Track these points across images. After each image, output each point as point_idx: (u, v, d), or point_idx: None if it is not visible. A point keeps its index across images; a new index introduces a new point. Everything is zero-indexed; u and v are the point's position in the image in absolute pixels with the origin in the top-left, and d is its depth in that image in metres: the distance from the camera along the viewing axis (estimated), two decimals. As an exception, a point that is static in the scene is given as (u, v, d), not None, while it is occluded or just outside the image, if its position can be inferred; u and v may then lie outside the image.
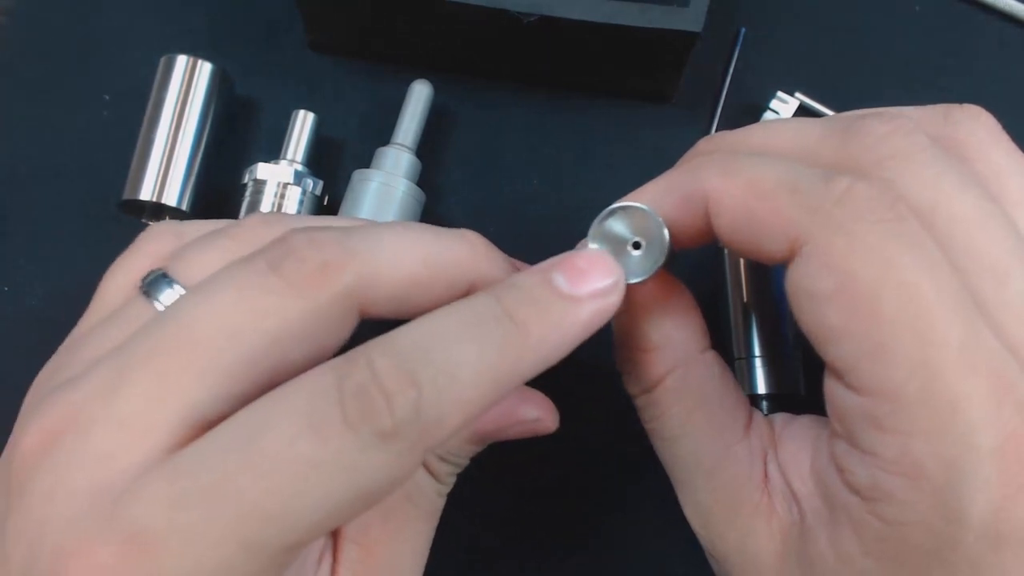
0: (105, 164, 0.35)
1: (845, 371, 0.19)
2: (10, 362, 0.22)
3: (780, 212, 0.20)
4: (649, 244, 0.22)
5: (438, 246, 0.21)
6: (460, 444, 0.23)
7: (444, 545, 0.24)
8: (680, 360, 0.24)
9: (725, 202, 0.21)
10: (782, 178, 0.20)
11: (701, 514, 0.24)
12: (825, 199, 0.20)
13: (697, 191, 0.22)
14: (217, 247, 0.22)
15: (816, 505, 0.21)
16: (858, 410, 0.19)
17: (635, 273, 0.22)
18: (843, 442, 0.20)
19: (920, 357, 0.18)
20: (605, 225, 0.23)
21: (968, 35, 0.36)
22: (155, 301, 0.21)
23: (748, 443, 0.23)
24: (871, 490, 0.19)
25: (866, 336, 0.19)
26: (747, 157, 0.22)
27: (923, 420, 0.18)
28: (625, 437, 0.32)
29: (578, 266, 0.21)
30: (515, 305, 0.20)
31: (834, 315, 0.19)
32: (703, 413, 0.24)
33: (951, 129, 0.22)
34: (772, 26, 0.37)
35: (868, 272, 0.19)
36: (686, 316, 0.24)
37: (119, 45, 0.37)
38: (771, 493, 0.23)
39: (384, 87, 0.36)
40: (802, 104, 0.35)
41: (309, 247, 0.19)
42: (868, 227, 0.19)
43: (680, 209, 0.22)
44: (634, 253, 0.22)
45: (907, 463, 0.18)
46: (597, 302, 0.20)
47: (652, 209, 0.22)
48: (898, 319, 0.18)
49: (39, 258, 0.34)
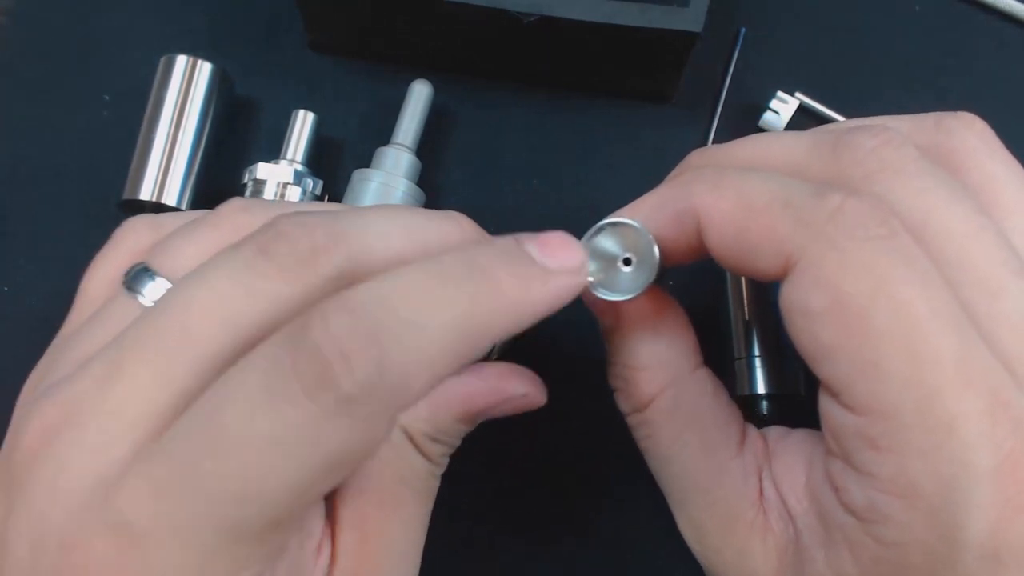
0: (105, 164, 0.35)
1: (839, 390, 0.19)
2: (10, 362, 0.22)
3: (772, 229, 0.20)
4: (640, 261, 0.22)
5: (427, 227, 0.21)
6: (450, 423, 0.23)
7: (441, 529, 0.24)
8: (672, 380, 0.24)
9: (716, 219, 0.21)
10: (774, 194, 0.20)
11: (696, 531, 0.24)
12: (817, 215, 0.19)
13: (688, 207, 0.22)
14: (199, 237, 0.22)
15: (812, 523, 0.21)
16: (853, 429, 0.19)
17: (626, 290, 0.22)
18: (839, 461, 0.20)
19: (914, 375, 0.18)
20: (595, 241, 0.23)
21: (968, 35, 0.36)
22: (139, 295, 0.20)
23: (742, 460, 0.23)
24: (867, 511, 0.19)
25: (859, 354, 0.19)
26: (738, 172, 0.22)
27: (918, 439, 0.18)
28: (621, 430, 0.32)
29: (549, 241, 0.20)
30: (488, 260, 0.19)
31: (827, 333, 0.19)
32: (695, 432, 0.24)
33: (943, 138, 0.22)
34: (772, 26, 0.37)
35: (860, 289, 0.19)
36: (678, 334, 0.24)
37: (119, 45, 0.37)
38: (767, 510, 0.23)
39: (384, 87, 0.36)
40: (802, 104, 0.35)
41: (298, 230, 0.19)
42: (860, 244, 0.19)
43: (671, 225, 0.22)
44: (624, 269, 0.22)
45: (903, 483, 0.18)
46: (564, 278, 0.20)
47: (642, 226, 0.22)
48: (891, 336, 0.18)
49: (39, 258, 0.34)
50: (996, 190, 0.21)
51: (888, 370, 0.18)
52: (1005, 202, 0.21)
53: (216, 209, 0.23)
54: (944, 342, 0.18)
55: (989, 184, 0.21)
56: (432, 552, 0.24)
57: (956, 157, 0.22)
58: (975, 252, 0.20)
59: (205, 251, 0.21)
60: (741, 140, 0.24)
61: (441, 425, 0.23)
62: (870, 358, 0.18)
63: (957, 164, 0.22)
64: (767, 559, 0.22)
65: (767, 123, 0.35)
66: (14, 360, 0.22)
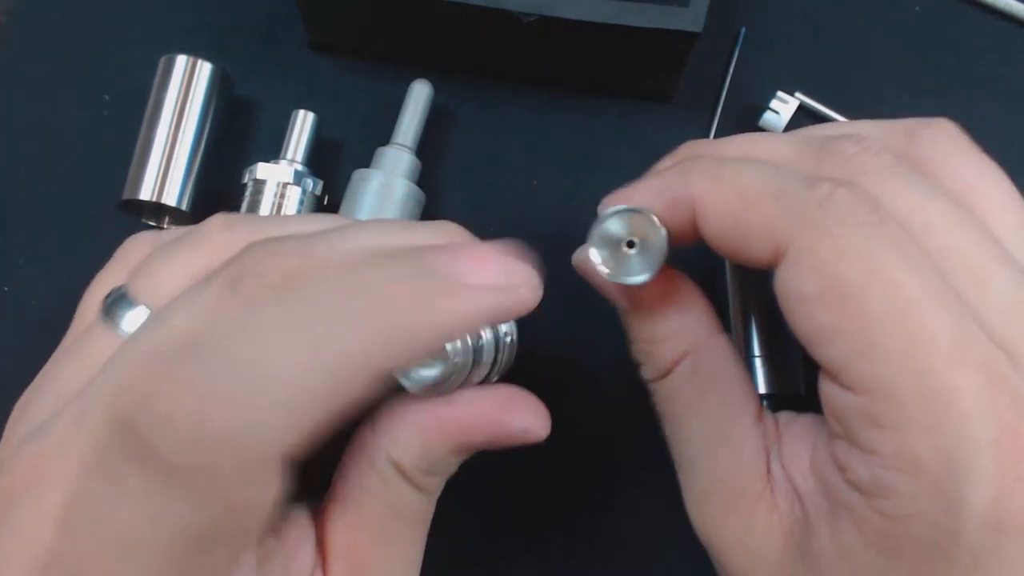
0: (105, 164, 0.35)
1: (838, 371, 0.20)
2: (10, 362, 0.22)
3: (765, 217, 0.21)
4: (645, 245, 0.23)
5: (411, 242, 0.21)
6: (443, 456, 0.22)
7: (440, 546, 0.24)
8: (691, 345, 0.24)
9: (712, 208, 0.22)
10: (767, 184, 0.21)
11: (701, 503, 0.24)
12: (808, 203, 0.20)
13: (685, 195, 0.22)
14: (179, 258, 0.22)
15: (817, 501, 0.21)
16: (854, 409, 0.20)
17: (638, 272, 0.23)
18: (842, 441, 0.20)
19: (911, 352, 0.19)
20: (606, 227, 0.23)
21: (968, 35, 0.36)
22: (116, 327, 0.21)
23: (754, 432, 0.24)
24: (872, 486, 0.19)
25: (856, 335, 0.19)
26: (734, 163, 0.22)
27: (918, 414, 0.18)
28: (623, 435, 0.32)
29: (462, 254, 0.19)
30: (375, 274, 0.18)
31: (823, 315, 0.20)
32: (713, 395, 0.24)
33: (914, 146, 0.23)
34: (772, 26, 0.37)
35: (854, 272, 0.19)
36: (691, 304, 0.25)
37: (119, 45, 0.37)
38: (773, 488, 0.23)
39: (384, 87, 0.36)
40: (802, 104, 0.35)
41: (269, 259, 0.19)
42: (851, 229, 0.19)
43: (668, 212, 0.23)
44: (630, 252, 0.23)
45: (905, 458, 0.19)
46: (485, 295, 0.19)
47: (652, 212, 0.23)
48: (887, 316, 0.19)
49: (39, 258, 0.34)
50: (974, 195, 0.22)
51: (885, 348, 0.19)
52: (983, 204, 0.22)
53: (198, 227, 0.23)
54: (938, 321, 0.19)
55: (967, 189, 0.22)
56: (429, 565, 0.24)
57: (929, 164, 0.23)
58: (959, 241, 0.20)
59: (185, 274, 0.21)
60: (731, 138, 0.25)
61: (433, 458, 0.22)
62: (867, 338, 0.19)
63: (931, 171, 0.22)
64: (771, 536, 0.22)
65: (767, 123, 0.35)
66: (14, 360, 0.22)
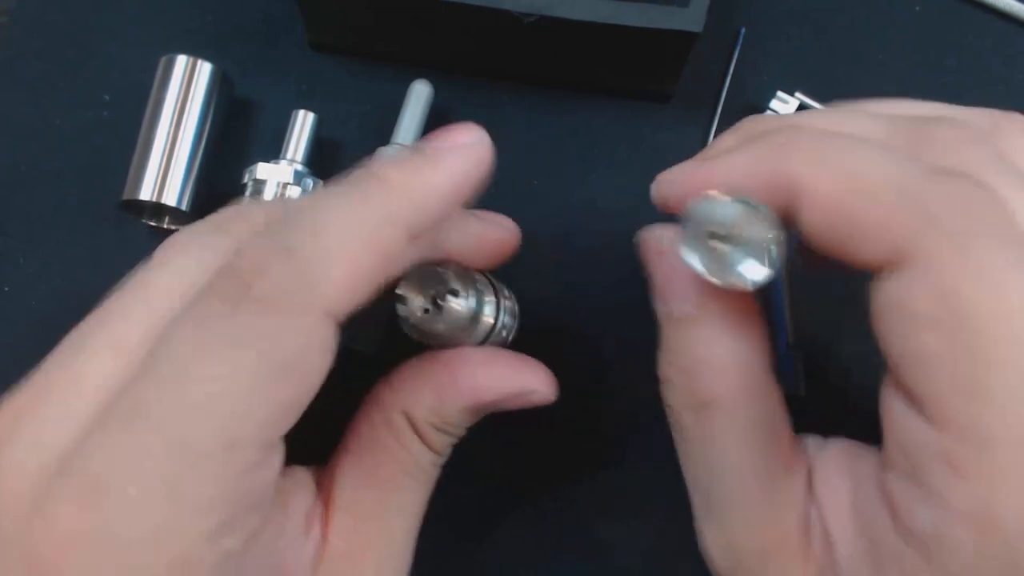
0: (105, 164, 0.35)
1: (928, 401, 0.17)
2: (10, 362, 0.22)
3: (887, 217, 0.18)
4: (746, 240, 0.19)
5: None
6: (456, 414, 0.23)
7: (439, 513, 0.24)
8: (743, 382, 0.21)
9: (819, 198, 0.18)
10: (889, 174, 0.18)
11: (730, 554, 0.21)
12: (942, 208, 0.17)
13: (784, 178, 0.19)
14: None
15: (858, 549, 0.19)
16: (933, 446, 0.17)
17: (738, 275, 0.19)
18: (903, 478, 0.18)
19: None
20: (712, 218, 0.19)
21: (968, 35, 0.36)
22: None
23: (795, 478, 0.21)
24: (932, 539, 0.17)
25: (966, 370, 0.17)
26: (843, 142, 0.19)
27: (1012, 470, 0.16)
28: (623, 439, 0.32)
29: (440, 133, 0.22)
30: (376, 167, 0.21)
31: (932, 341, 0.17)
32: (755, 444, 0.21)
33: (998, 138, 0.20)
34: (772, 26, 0.37)
35: (984, 302, 0.16)
36: (756, 330, 0.21)
37: (119, 45, 0.37)
38: (810, 534, 0.20)
39: (384, 87, 0.36)
40: (802, 104, 0.35)
41: (269, 266, 0.19)
42: (993, 253, 0.17)
43: (762, 196, 0.19)
44: (722, 248, 0.19)
45: (982, 513, 0.16)
46: (455, 155, 0.21)
47: (777, 217, 0.19)
48: (1011, 360, 0.16)
49: (39, 258, 0.34)
50: None
51: (995, 393, 0.16)
52: None
53: None
54: None
55: None
56: (424, 550, 0.24)
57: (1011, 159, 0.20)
58: None
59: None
60: (809, 112, 0.22)
61: (447, 415, 0.23)
62: (978, 376, 0.16)
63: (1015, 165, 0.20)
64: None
65: (767, 123, 0.35)
66: (14, 360, 0.22)
